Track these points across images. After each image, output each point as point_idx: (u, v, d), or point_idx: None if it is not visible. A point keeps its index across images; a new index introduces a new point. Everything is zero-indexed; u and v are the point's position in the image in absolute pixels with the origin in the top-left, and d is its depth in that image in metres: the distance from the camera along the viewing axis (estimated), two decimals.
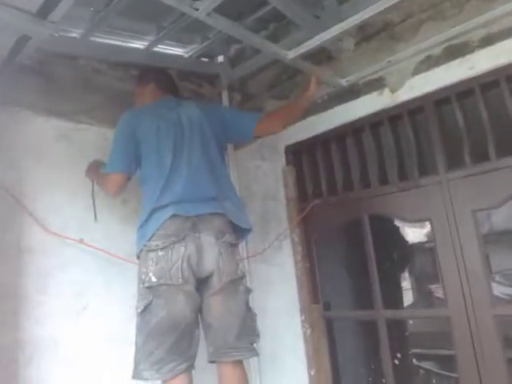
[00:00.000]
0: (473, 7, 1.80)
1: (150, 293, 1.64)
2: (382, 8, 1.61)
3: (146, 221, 1.72)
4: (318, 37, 1.79)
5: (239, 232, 1.89)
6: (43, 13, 1.63)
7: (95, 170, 2.04)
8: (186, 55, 2.56)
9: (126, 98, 2.22)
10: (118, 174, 1.83)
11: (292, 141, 2.49)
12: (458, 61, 1.87)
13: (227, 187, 1.93)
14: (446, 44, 1.89)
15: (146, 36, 2.28)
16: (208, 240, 1.71)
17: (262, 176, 2.63)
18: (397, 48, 2.06)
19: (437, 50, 1.93)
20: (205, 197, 1.77)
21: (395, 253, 3.57)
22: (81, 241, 2.03)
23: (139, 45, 2.30)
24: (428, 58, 1.97)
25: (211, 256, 1.71)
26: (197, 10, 1.47)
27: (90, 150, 2.17)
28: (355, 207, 2.28)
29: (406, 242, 4.80)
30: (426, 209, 2.03)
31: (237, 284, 1.79)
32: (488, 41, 1.76)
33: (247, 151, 2.72)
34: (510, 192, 1.78)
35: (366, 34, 2.19)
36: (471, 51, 1.81)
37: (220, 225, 1.77)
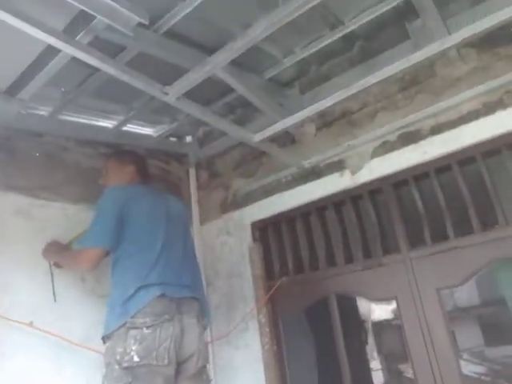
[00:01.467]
0: (422, 99, 1.98)
1: (129, 374, 1.54)
2: (340, 98, 1.73)
3: (130, 297, 1.66)
4: (281, 122, 1.89)
5: None
6: (12, 90, 1.66)
7: (57, 251, 1.99)
8: (155, 135, 2.63)
9: (93, 174, 2.22)
10: (99, 248, 1.75)
11: (258, 217, 2.51)
12: (411, 146, 2.01)
13: (199, 280, 2.02)
14: (401, 131, 2.05)
15: (115, 115, 2.34)
16: (190, 322, 1.75)
17: (228, 253, 2.60)
18: (355, 133, 2.21)
19: (392, 136, 2.08)
20: (185, 284, 1.83)
21: (359, 332, 3.53)
22: (30, 324, 1.87)
23: (108, 124, 2.35)
24: (384, 143, 2.11)
25: (193, 338, 1.73)
26: (167, 94, 1.54)
27: (48, 227, 2.10)
28: (322, 286, 2.26)
29: (364, 321, 4.82)
30: (391, 287, 2.04)
31: (203, 372, 1.81)
32: (437, 129, 1.92)
33: (213, 226, 2.71)
34: (470, 270, 1.84)
35: (326, 120, 2.34)
36: (423, 138, 1.96)
37: (199, 308, 1.84)
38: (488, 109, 1.79)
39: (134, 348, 1.56)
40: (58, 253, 1.97)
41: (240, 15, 1.72)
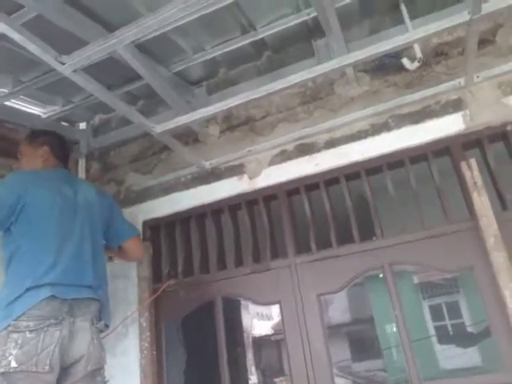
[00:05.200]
0: (320, 114, 2.11)
1: (3, 380, 1.44)
2: (246, 100, 1.76)
3: (17, 299, 1.54)
4: (186, 116, 1.86)
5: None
6: None
7: None
8: (44, 116, 2.40)
9: None
10: None
11: (151, 215, 2.41)
12: (306, 158, 2.13)
13: (103, 277, 1.88)
14: (298, 142, 2.15)
15: None
16: (82, 326, 1.65)
17: None
18: (256, 140, 2.27)
19: (290, 146, 2.17)
20: (84, 283, 1.71)
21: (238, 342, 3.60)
22: None
23: None
24: (282, 152, 2.20)
25: (83, 342, 1.63)
26: (62, 64, 1.41)
27: None
28: (210, 289, 2.24)
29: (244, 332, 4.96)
30: (276, 291, 2.10)
31: (96, 375, 1.69)
32: (331, 143, 2.07)
33: None
34: (348, 277, 1.97)
35: (230, 124, 2.36)
36: (318, 151, 2.09)
37: (96, 310, 1.73)
38: (375, 130, 1.98)
39: (13, 352, 1.46)
40: None
41: None
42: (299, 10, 1.88)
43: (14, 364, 1.44)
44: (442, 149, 1.91)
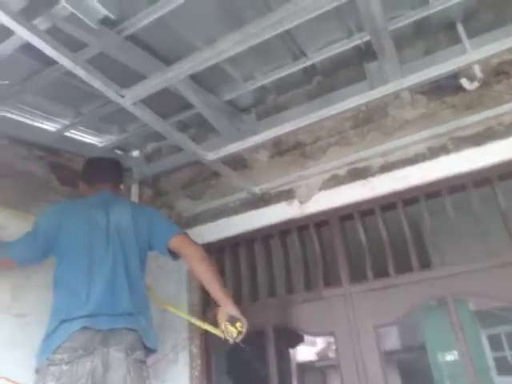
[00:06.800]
0: (373, 138, 2.05)
1: None
2: (298, 126, 1.74)
3: (53, 331, 1.60)
4: (237, 144, 1.86)
5: (146, 350, 1.77)
6: None
7: None
8: (100, 145, 2.49)
9: (27, 178, 2.10)
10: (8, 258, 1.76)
11: (201, 241, 2.40)
12: (360, 182, 2.06)
13: (143, 301, 1.84)
14: (351, 166, 2.10)
15: (59, 119, 2.18)
16: (117, 356, 1.61)
17: (164, 278, 2.45)
18: (307, 164, 2.23)
19: (342, 171, 2.12)
20: (121, 312, 1.69)
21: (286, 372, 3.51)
22: None
23: (51, 126, 2.19)
24: (334, 176, 2.15)
25: (119, 374, 1.59)
26: (122, 97, 1.46)
27: None
28: (260, 317, 2.19)
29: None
30: (329, 322, 2.02)
31: None
32: (386, 168, 1.99)
33: None
34: (407, 308, 1.87)
35: (280, 149, 2.35)
36: (372, 175, 2.02)
37: (132, 340, 1.68)
38: (432, 153, 1.90)
39: None
40: None
41: (204, 30, 1.71)
42: (351, 34, 1.86)
43: None
44: (508, 172, 1.80)
